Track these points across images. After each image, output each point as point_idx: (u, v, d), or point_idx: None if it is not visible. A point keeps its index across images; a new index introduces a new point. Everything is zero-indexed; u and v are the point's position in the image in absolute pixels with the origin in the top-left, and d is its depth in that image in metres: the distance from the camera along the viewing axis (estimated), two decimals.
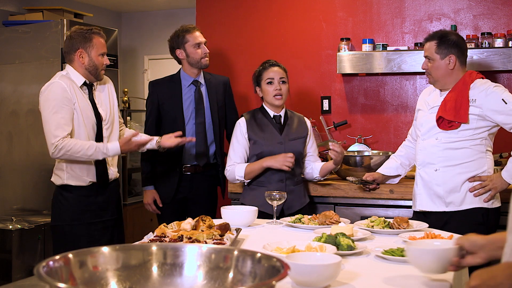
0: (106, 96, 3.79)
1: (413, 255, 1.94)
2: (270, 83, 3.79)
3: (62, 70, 4.83)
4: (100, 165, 3.66)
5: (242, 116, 3.91)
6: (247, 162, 3.84)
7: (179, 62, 4.34)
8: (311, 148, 3.98)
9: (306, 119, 4.00)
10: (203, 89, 4.31)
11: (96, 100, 3.68)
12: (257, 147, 3.80)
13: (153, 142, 3.83)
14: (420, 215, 3.54)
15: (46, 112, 3.50)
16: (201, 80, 4.32)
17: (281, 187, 3.75)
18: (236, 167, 3.79)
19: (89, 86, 3.67)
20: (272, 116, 3.85)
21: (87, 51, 3.61)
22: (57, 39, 4.96)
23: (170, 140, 3.86)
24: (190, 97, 4.26)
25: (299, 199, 3.85)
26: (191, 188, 4.27)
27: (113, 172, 3.75)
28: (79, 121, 3.55)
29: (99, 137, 3.64)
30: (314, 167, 3.94)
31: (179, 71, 4.36)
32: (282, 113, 3.87)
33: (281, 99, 3.79)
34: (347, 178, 4.01)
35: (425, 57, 3.53)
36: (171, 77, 4.37)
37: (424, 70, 3.57)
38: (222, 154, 4.40)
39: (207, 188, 4.37)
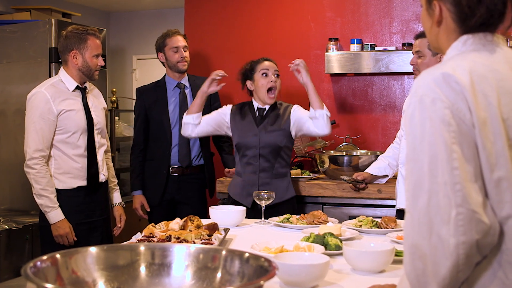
0: (98, 103, 3.81)
1: (349, 256, 2.19)
2: (265, 74, 3.78)
3: (50, 70, 4.87)
4: (92, 169, 3.66)
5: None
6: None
7: (164, 65, 4.40)
8: (302, 116, 3.77)
9: (294, 107, 3.86)
10: (188, 92, 4.35)
11: (89, 104, 3.69)
12: (235, 137, 3.82)
13: None
14: (402, 213, 3.55)
15: (28, 121, 3.56)
16: (186, 82, 4.36)
17: (254, 179, 3.74)
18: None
19: (82, 90, 3.67)
20: (256, 108, 3.84)
21: (81, 52, 3.60)
22: (45, 38, 4.93)
23: None
24: (175, 100, 4.32)
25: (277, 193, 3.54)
26: (178, 189, 4.29)
27: (103, 176, 3.76)
28: (69, 126, 3.56)
29: (90, 141, 3.65)
30: (310, 114, 3.75)
31: (164, 76, 4.42)
32: (267, 106, 3.84)
33: (274, 97, 3.79)
34: (341, 177, 4.03)
35: (416, 52, 3.51)
36: (156, 83, 4.46)
37: (412, 66, 3.56)
38: (208, 155, 4.41)
39: (196, 190, 4.38)
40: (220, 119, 3.86)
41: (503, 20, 1.48)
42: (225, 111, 3.89)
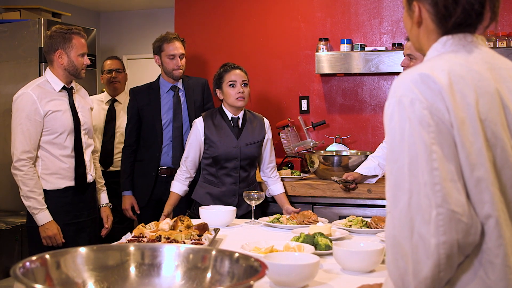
0: (85, 103, 3.80)
1: (338, 256, 2.20)
2: (232, 85, 3.76)
3: (39, 69, 4.85)
4: (80, 170, 3.65)
5: (200, 116, 3.91)
6: (201, 163, 3.87)
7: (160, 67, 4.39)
8: (270, 155, 3.99)
9: (265, 121, 3.98)
10: (182, 94, 4.34)
11: (76, 104, 3.67)
12: (213, 149, 3.79)
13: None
14: None
15: (14, 123, 3.53)
16: (180, 85, 4.35)
17: (235, 189, 3.78)
18: (174, 184, 3.91)
19: (68, 90, 3.65)
20: (230, 118, 3.82)
21: (66, 52, 3.58)
22: (34, 38, 4.92)
23: None
24: (168, 102, 4.31)
25: None
26: (166, 190, 4.28)
27: (91, 177, 3.75)
28: (56, 127, 3.54)
29: (77, 142, 3.64)
30: (272, 190, 4.03)
31: (158, 78, 4.40)
32: (240, 115, 3.84)
33: (243, 101, 3.77)
34: (332, 178, 4.02)
35: (407, 55, 3.48)
36: (150, 84, 4.43)
37: (403, 68, 3.54)
38: None
39: None
40: (199, 145, 3.84)
41: (481, 20, 1.49)
42: (198, 129, 3.84)
